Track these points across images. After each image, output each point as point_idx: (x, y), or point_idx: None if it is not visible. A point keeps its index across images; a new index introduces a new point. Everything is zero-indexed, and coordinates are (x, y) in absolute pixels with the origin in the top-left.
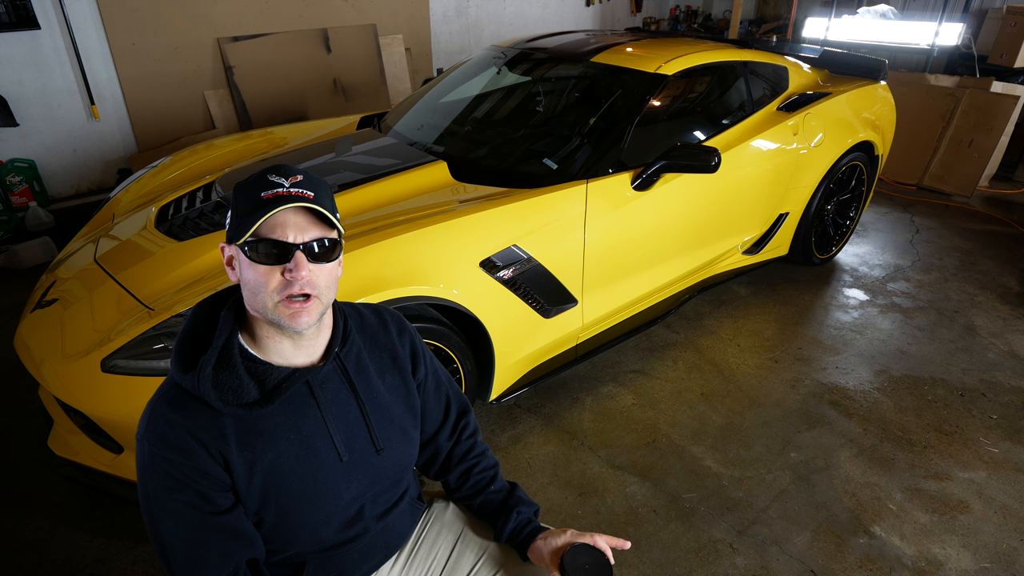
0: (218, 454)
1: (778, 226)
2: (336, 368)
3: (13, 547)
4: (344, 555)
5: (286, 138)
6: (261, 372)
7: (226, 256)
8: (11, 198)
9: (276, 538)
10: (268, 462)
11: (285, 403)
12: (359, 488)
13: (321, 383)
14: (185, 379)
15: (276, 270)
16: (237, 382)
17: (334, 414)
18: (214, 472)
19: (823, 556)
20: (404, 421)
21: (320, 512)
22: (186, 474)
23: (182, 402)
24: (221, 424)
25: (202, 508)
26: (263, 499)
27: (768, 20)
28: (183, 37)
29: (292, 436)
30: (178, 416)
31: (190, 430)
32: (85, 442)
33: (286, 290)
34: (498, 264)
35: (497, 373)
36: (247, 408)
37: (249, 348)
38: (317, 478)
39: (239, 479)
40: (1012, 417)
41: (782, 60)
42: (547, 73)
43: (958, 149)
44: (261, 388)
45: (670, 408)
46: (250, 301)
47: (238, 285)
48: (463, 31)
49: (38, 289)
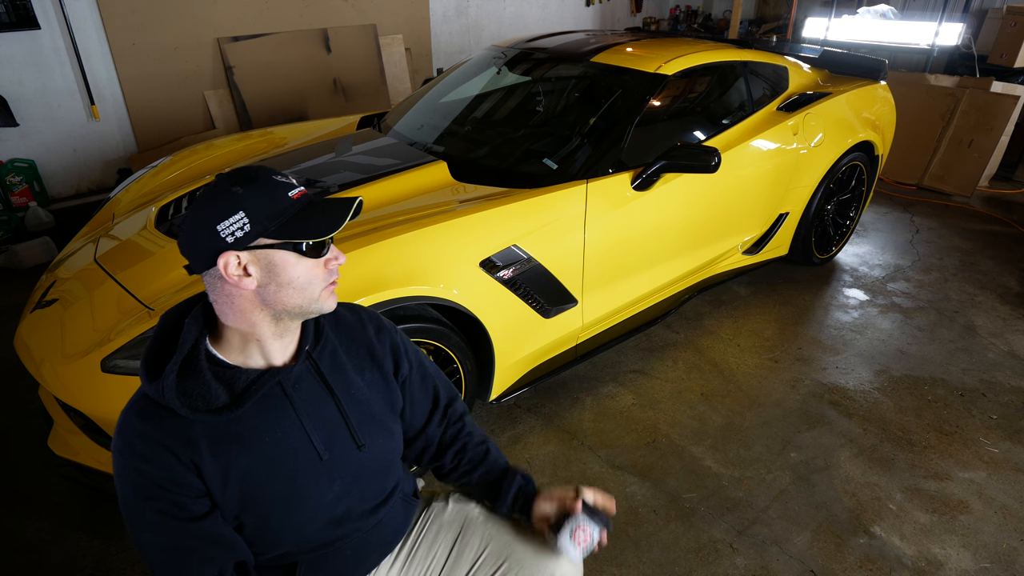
0: (189, 462)
1: (778, 226)
2: (309, 367)
3: (13, 547)
4: (336, 553)
5: (286, 138)
6: (229, 376)
7: (236, 269)
8: (11, 198)
9: (260, 540)
10: (243, 466)
11: (258, 406)
12: (343, 485)
13: (294, 383)
14: (151, 388)
15: (320, 262)
16: (205, 388)
17: (309, 413)
18: (186, 480)
19: (823, 556)
20: (385, 417)
21: (303, 512)
22: (158, 483)
23: (151, 412)
24: (191, 431)
25: (177, 515)
26: (241, 503)
27: (768, 20)
28: (183, 37)
29: (267, 438)
30: (147, 426)
31: (159, 440)
32: (85, 442)
33: (331, 277)
34: (498, 264)
35: (497, 373)
36: (217, 413)
37: (218, 353)
38: (296, 479)
39: (213, 485)
40: (1012, 417)
41: (782, 60)
42: (547, 73)
43: (958, 149)
44: (230, 392)
45: (670, 408)
46: (293, 299)
47: (203, 294)
48: (463, 31)
49: (38, 289)
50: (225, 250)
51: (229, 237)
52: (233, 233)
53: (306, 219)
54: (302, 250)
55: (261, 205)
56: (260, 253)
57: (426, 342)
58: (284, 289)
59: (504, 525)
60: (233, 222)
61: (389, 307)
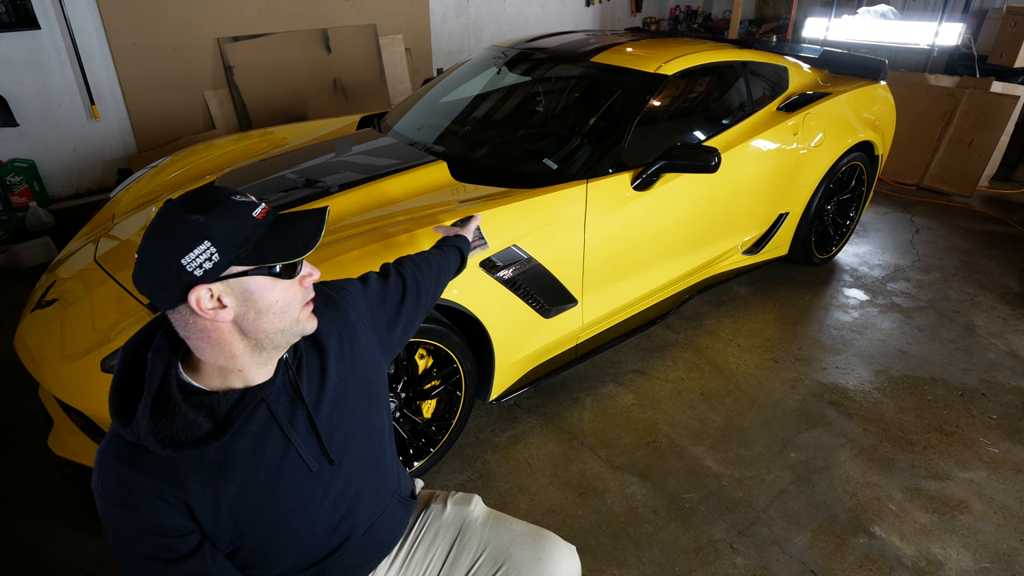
0: (176, 500)
1: (778, 226)
2: (285, 380)
3: (13, 547)
4: (334, 564)
5: (286, 138)
6: (208, 404)
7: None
8: (11, 198)
9: (258, 562)
10: (233, 493)
11: (241, 428)
12: (337, 491)
13: (275, 398)
14: (127, 431)
15: (296, 282)
16: (183, 421)
17: (296, 427)
18: (171, 522)
19: (823, 556)
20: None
21: (301, 525)
22: (143, 529)
23: (129, 453)
24: (175, 468)
25: (162, 558)
26: (235, 530)
27: (768, 20)
28: (183, 37)
29: (255, 461)
30: (126, 470)
31: (142, 483)
32: (85, 442)
33: (308, 295)
34: (498, 264)
35: (497, 373)
36: (202, 445)
37: (192, 381)
38: (290, 496)
39: (203, 517)
40: (1012, 417)
41: (782, 60)
42: (547, 73)
43: (958, 149)
44: (212, 419)
45: (670, 408)
46: (275, 324)
47: (160, 319)
48: (463, 31)
49: (38, 289)
50: (194, 284)
51: (197, 270)
52: (201, 265)
53: (279, 239)
54: (276, 272)
55: (227, 231)
56: (233, 282)
57: (426, 342)
58: (264, 316)
59: (502, 528)
60: (199, 253)
61: None
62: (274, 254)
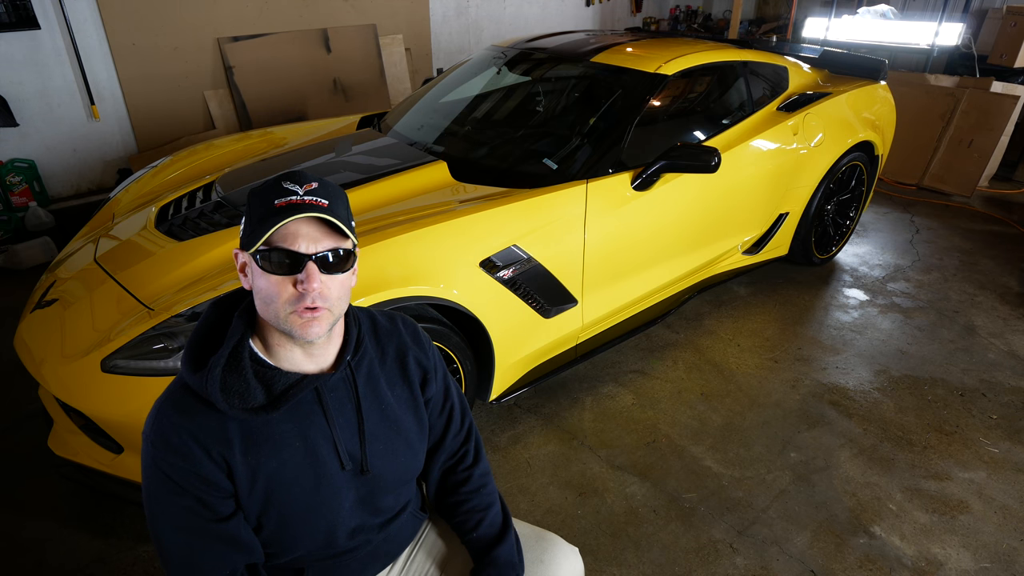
0: (221, 459)
1: (778, 226)
2: (346, 377)
3: (13, 547)
4: (343, 564)
5: (286, 138)
6: (269, 377)
7: (239, 263)
8: (11, 198)
9: (276, 543)
10: (272, 469)
11: (291, 410)
12: (359, 496)
13: (330, 391)
14: (194, 379)
15: (288, 281)
16: (244, 386)
17: (340, 423)
18: (215, 478)
19: (823, 556)
20: (411, 434)
21: (321, 520)
22: (187, 479)
23: (188, 404)
24: (226, 428)
25: (202, 514)
26: (264, 505)
27: (768, 20)
28: (183, 37)
29: (297, 444)
30: (183, 419)
31: (194, 434)
32: (85, 442)
33: (299, 302)
34: (498, 264)
35: (497, 373)
36: (253, 412)
37: (260, 352)
38: (319, 487)
39: (241, 485)
40: (1012, 417)
41: (782, 60)
42: (547, 73)
43: (958, 149)
44: (268, 393)
45: (670, 408)
46: (262, 310)
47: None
48: (463, 31)
49: (38, 289)
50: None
51: (243, 235)
52: (241, 233)
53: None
54: (257, 261)
55: (255, 207)
56: (249, 257)
57: None
58: (257, 297)
59: None
60: (243, 223)
61: (389, 307)
62: (247, 240)
